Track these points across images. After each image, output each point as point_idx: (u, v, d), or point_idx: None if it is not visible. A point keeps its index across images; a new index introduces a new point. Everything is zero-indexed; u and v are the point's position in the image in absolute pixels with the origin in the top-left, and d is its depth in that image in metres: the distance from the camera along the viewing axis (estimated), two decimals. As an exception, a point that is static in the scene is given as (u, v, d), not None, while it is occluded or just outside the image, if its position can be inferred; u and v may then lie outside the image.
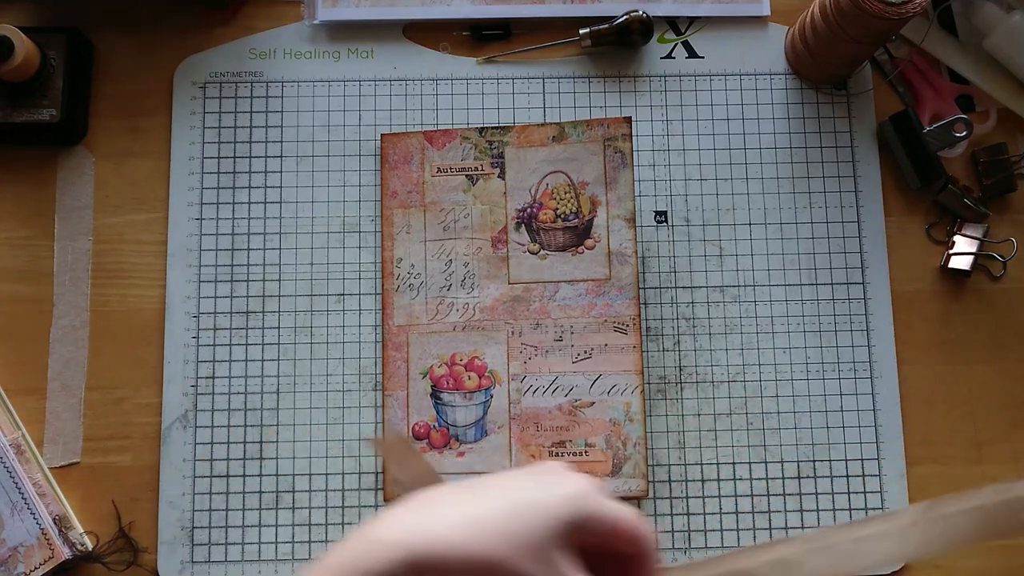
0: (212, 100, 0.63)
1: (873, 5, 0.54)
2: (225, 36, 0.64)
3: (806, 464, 0.60)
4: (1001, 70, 0.65)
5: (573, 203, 0.60)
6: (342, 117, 0.64)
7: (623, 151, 0.60)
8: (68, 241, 0.62)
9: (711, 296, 0.62)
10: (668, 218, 0.63)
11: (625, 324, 0.59)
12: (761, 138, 0.64)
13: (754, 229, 0.63)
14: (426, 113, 0.64)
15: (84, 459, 0.59)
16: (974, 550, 0.59)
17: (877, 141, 0.64)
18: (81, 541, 0.58)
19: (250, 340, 0.60)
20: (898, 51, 0.65)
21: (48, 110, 0.61)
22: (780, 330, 0.61)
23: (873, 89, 0.65)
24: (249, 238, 0.62)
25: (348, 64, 0.64)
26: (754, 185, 0.63)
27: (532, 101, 0.64)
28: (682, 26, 0.65)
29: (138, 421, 0.60)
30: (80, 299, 0.61)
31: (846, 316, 0.61)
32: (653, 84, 0.64)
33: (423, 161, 0.61)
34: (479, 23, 0.65)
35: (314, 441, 0.59)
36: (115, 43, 0.64)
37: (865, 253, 0.62)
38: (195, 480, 0.59)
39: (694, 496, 0.59)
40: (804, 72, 0.64)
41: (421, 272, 0.60)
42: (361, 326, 0.61)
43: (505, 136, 0.61)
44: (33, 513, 0.56)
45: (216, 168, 0.62)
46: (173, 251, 0.61)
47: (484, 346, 0.59)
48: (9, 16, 0.63)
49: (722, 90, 0.64)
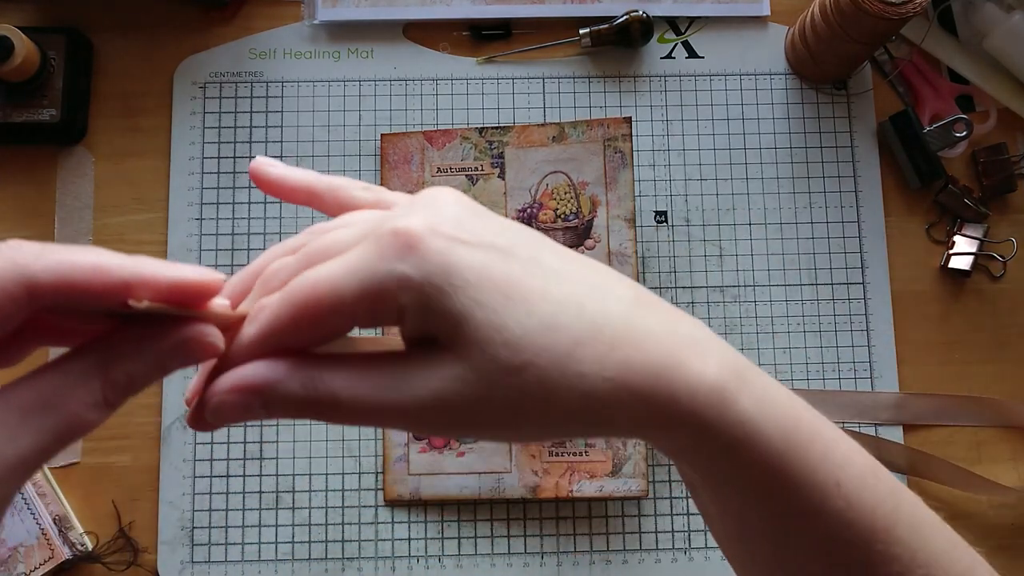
0: (212, 100, 0.63)
1: (873, 5, 0.54)
2: (225, 36, 0.64)
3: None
4: (1001, 70, 0.65)
5: (573, 203, 0.60)
6: (342, 117, 0.64)
7: (623, 151, 0.60)
8: (68, 241, 0.62)
9: (711, 296, 0.62)
10: (668, 218, 0.63)
11: (625, 324, 0.59)
12: (761, 138, 0.64)
13: (754, 229, 0.63)
14: (426, 113, 0.64)
15: (84, 459, 0.59)
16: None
17: (877, 141, 0.64)
18: (81, 541, 0.58)
19: (250, 340, 0.60)
20: (898, 51, 0.65)
21: (48, 110, 0.61)
22: (780, 330, 0.61)
23: (873, 89, 0.65)
24: (249, 238, 0.62)
25: (348, 64, 0.64)
26: (754, 185, 0.63)
27: (532, 101, 0.64)
28: (682, 26, 0.65)
29: (138, 421, 0.60)
30: (80, 299, 0.61)
31: (846, 316, 0.61)
32: (653, 84, 0.64)
33: (423, 161, 0.61)
34: (479, 23, 0.65)
35: (314, 441, 0.59)
36: (115, 43, 0.64)
37: (865, 253, 0.62)
38: (195, 480, 0.59)
39: (694, 496, 0.59)
40: (804, 72, 0.64)
41: (421, 272, 0.60)
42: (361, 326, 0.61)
43: (505, 136, 0.61)
44: (33, 513, 0.56)
45: (216, 168, 0.62)
46: (173, 251, 0.61)
47: (484, 346, 0.59)
48: (9, 16, 0.63)
49: (722, 90, 0.64)
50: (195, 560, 0.58)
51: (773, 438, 0.24)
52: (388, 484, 0.59)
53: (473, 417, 0.23)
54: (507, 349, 0.22)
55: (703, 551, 0.58)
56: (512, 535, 0.59)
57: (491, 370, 0.22)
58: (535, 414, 0.23)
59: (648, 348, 0.23)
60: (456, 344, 0.22)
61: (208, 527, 0.58)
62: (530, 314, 0.22)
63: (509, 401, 0.22)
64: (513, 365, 0.22)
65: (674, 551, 0.59)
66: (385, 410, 0.23)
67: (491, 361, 0.22)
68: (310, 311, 0.23)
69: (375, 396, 0.23)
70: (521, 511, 0.59)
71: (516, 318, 0.22)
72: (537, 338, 0.22)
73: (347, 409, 0.23)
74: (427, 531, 0.59)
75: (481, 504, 0.59)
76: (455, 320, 0.22)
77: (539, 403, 0.22)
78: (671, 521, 0.59)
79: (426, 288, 0.22)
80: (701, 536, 0.59)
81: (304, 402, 0.23)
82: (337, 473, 0.59)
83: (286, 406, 0.23)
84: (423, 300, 0.22)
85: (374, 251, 0.22)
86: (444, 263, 0.22)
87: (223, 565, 0.58)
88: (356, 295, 0.22)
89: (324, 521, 0.59)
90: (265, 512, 0.59)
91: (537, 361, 0.22)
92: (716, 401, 0.24)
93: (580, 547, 0.59)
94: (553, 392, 0.22)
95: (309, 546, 0.58)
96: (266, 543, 0.58)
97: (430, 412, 0.22)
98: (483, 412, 0.22)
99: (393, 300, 0.22)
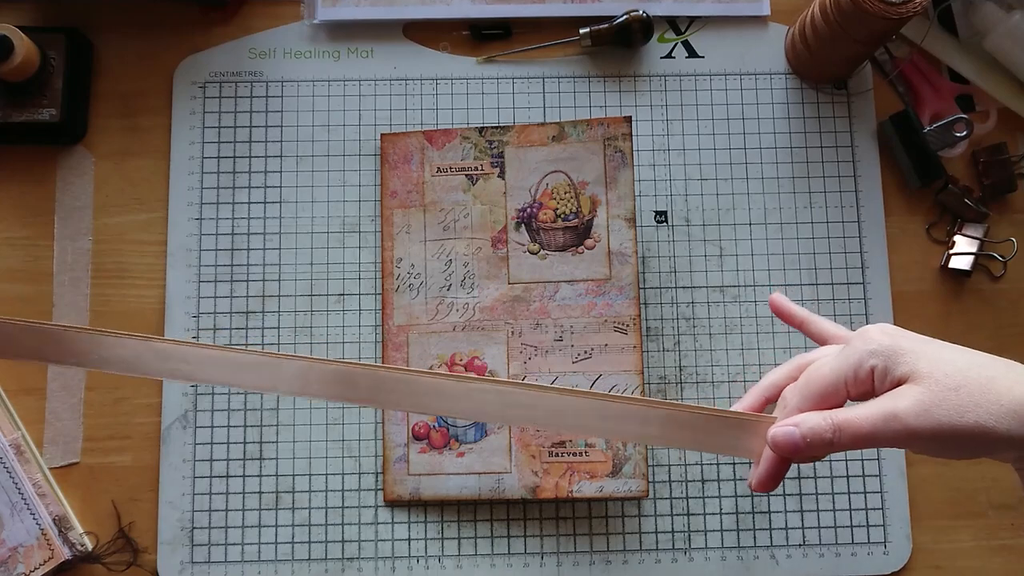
0: (212, 100, 0.63)
1: (873, 5, 0.54)
2: (225, 36, 0.64)
3: (806, 464, 0.60)
4: (1001, 70, 0.65)
5: (573, 203, 0.60)
6: (342, 117, 0.64)
7: (623, 151, 0.60)
8: (68, 241, 0.62)
9: (711, 296, 0.62)
10: (668, 218, 0.63)
11: (625, 324, 0.59)
12: (761, 138, 0.64)
13: (754, 229, 0.63)
14: (426, 113, 0.64)
15: (84, 459, 0.59)
16: (973, 551, 0.59)
17: (877, 141, 0.64)
18: (81, 541, 0.58)
19: (250, 340, 0.60)
20: (898, 51, 0.65)
21: (48, 110, 0.61)
22: (780, 330, 0.61)
23: (873, 89, 0.64)
24: (249, 238, 0.62)
25: (348, 64, 0.64)
26: (754, 185, 0.63)
27: (532, 101, 0.64)
28: (682, 26, 0.65)
29: (138, 421, 0.60)
30: (80, 299, 0.61)
31: (846, 316, 0.61)
32: (653, 84, 0.64)
33: (423, 161, 0.61)
34: (479, 23, 0.65)
35: (314, 441, 0.59)
36: (115, 43, 0.64)
37: (865, 253, 0.62)
38: (195, 480, 0.59)
39: (694, 496, 0.59)
40: (804, 72, 0.64)
41: (421, 272, 0.60)
42: (361, 326, 0.61)
43: (505, 136, 0.61)
44: (33, 513, 0.56)
45: (216, 168, 0.62)
46: (173, 251, 0.61)
47: (484, 346, 0.59)
48: (9, 16, 0.63)
49: (722, 90, 0.64)
50: (195, 560, 0.58)
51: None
52: (388, 484, 0.59)
53: (929, 416, 0.34)
54: (948, 377, 0.35)
55: (703, 551, 0.58)
56: (512, 535, 0.59)
57: (939, 389, 0.34)
58: (971, 418, 0.34)
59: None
60: (913, 381, 0.35)
61: (208, 527, 0.58)
62: (953, 362, 0.36)
63: (953, 408, 0.34)
64: (952, 385, 0.34)
65: (674, 551, 0.58)
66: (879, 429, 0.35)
67: (938, 383, 0.35)
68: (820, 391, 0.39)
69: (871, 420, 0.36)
70: (521, 511, 0.59)
71: (949, 361, 0.36)
72: (966, 372, 0.35)
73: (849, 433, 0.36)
74: (427, 531, 0.59)
75: (481, 504, 0.59)
76: (911, 368, 0.36)
77: (972, 409, 0.34)
78: (671, 521, 0.59)
79: (890, 355, 0.36)
80: (701, 536, 0.59)
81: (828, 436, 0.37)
82: (337, 473, 0.59)
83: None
84: (887, 362, 0.36)
85: (851, 349, 0.38)
86: (895, 343, 0.37)
87: (223, 565, 0.58)
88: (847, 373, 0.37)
89: (324, 521, 0.59)
90: (265, 512, 0.59)
91: (968, 385, 0.34)
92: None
93: (580, 547, 0.59)
94: (980, 405, 0.34)
95: (309, 546, 0.58)
96: (266, 543, 0.58)
97: (905, 416, 0.35)
98: (935, 413, 0.34)
99: (869, 367, 0.36)
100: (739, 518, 0.59)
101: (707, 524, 0.59)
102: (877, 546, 0.59)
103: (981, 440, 0.34)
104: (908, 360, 0.36)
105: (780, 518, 0.59)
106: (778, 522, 0.59)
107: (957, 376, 0.35)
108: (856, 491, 0.59)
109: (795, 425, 0.37)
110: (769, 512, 0.59)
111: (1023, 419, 0.34)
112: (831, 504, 0.59)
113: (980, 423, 0.34)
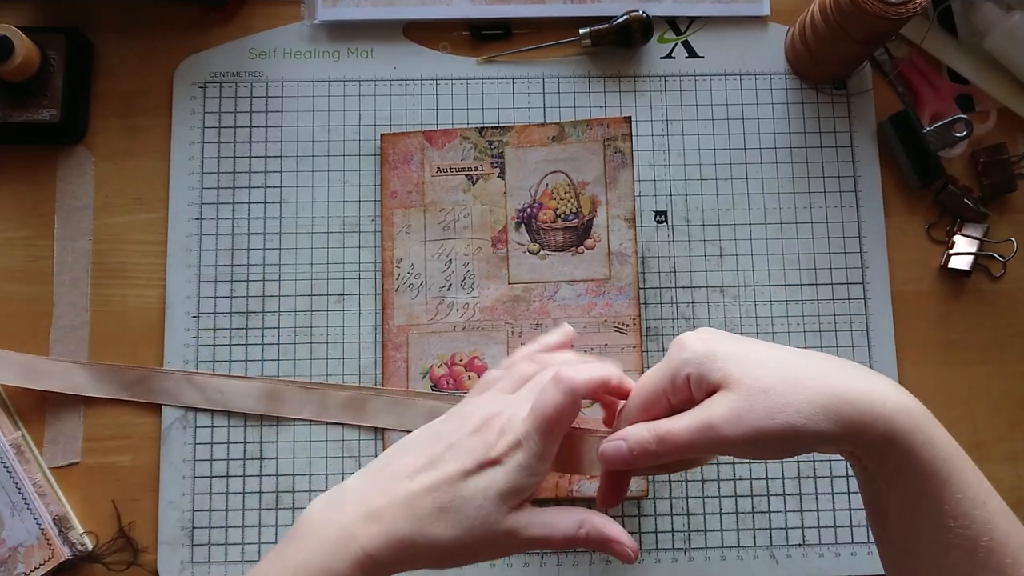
0: (212, 100, 0.63)
1: (873, 5, 0.54)
2: (225, 36, 0.64)
3: (806, 464, 0.60)
4: (1001, 70, 0.65)
5: (573, 203, 0.60)
6: (342, 117, 0.64)
7: (623, 151, 0.60)
8: (68, 241, 0.62)
9: (711, 296, 0.62)
10: (668, 218, 0.63)
11: (625, 324, 0.59)
12: (761, 138, 0.64)
13: (754, 229, 0.63)
14: (426, 113, 0.64)
15: (84, 459, 0.59)
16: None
17: (877, 141, 0.64)
18: (81, 541, 0.58)
19: (250, 340, 0.60)
20: (898, 51, 0.65)
21: (48, 110, 0.61)
22: (780, 330, 0.61)
23: (873, 89, 0.65)
24: (249, 238, 0.62)
25: (348, 64, 0.64)
26: (754, 185, 0.63)
27: (532, 101, 0.64)
28: (682, 26, 0.65)
29: (138, 421, 0.60)
30: (80, 299, 0.61)
31: (846, 316, 0.61)
32: (653, 84, 0.64)
33: (423, 161, 0.61)
34: (479, 23, 0.65)
35: (314, 441, 0.59)
36: (115, 43, 0.64)
37: (865, 253, 0.62)
38: (195, 480, 0.59)
39: (694, 496, 0.59)
40: (804, 72, 0.64)
41: (421, 272, 0.60)
42: (361, 326, 0.61)
43: (505, 136, 0.61)
44: (33, 513, 0.56)
45: (216, 168, 0.62)
46: (173, 251, 0.61)
47: (484, 346, 0.59)
48: (9, 16, 0.63)
49: (722, 90, 0.64)
50: (195, 560, 0.58)
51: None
52: (388, 484, 0.58)
53: (741, 423, 0.34)
54: (758, 380, 0.35)
55: (703, 551, 0.58)
56: (512, 535, 0.59)
57: (749, 393, 0.35)
58: (780, 419, 0.34)
59: (840, 382, 0.35)
60: (725, 387, 0.36)
61: (208, 527, 0.58)
62: (763, 364, 0.36)
63: (763, 411, 0.34)
64: (762, 387, 0.35)
65: (674, 551, 0.59)
66: (696, 436, 0.36)
67: (748, 387, 0.35)
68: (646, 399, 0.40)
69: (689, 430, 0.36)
70: (521, 511, 0.59)
71: (759, 363, 0.36)
72: (775, 372, 0.35)
73: (672, 442, 0.36)
74: (427, 531, 0.59)
75: (481, 504, 0.59)
76: (723, 374, 0.36)
77: (782, 409, 0.34)
78: (671, 521, 0.59)
79: (703, 362, 0.36)
80: (701, 536, 0.59)
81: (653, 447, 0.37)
82: (337, 473, 0.59)
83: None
84: (701, 370, 0.36)
85: (668, 358, 0.39)
86: (708, 349, 0.37)
87: (223, 565, 0.58)
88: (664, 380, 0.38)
89: (324, 521, 0.59)
90: (265, 512, 0.59)
91: (778, 386, 0.35)
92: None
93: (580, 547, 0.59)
94: (790, 404, 0.34)
95: (309, 546, 0.58)
96: (266, 543, 0.58)
97: (719, 425, 0.35)
98: (747, 419, 0.34)
99: (685, 375, 0.37)
100: (739, 518, 0.59)
101: (707, 524, 0.59)
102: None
103: (793, 439, 0.34)
104: (720, 366, 0.36)
105: (780, 518, 0.59)
106: (778, 522, 0.59)
107: (767, 378, 0.35)
108: (856, 491, 0.59)
109: (623, 439, 0.37)
110: (769, 512, 0.59)
111: (832, 414, 0.34)
112: (831, 504, 0.59)
113: (790, 423, 0.34)
